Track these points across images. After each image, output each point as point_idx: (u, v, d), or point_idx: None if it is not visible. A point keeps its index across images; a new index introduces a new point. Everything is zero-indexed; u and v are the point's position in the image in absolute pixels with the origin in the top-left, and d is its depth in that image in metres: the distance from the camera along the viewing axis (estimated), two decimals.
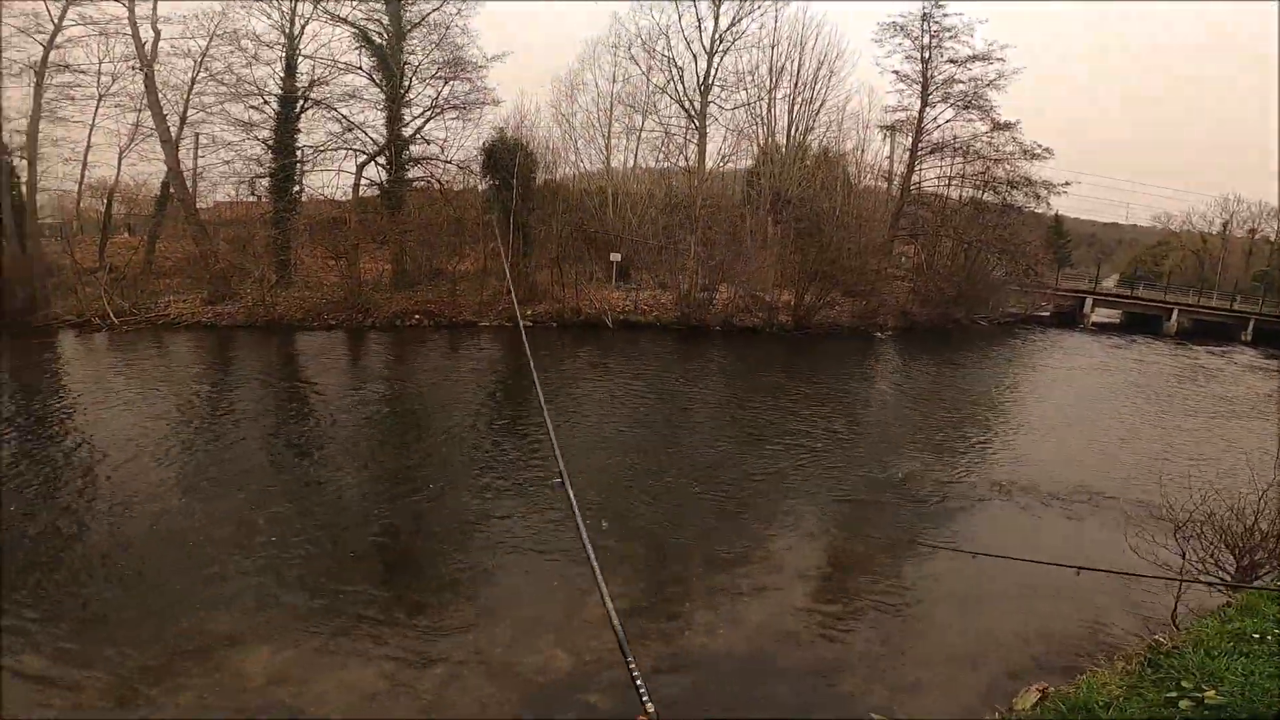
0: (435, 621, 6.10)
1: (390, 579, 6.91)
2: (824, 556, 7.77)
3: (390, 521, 8.08)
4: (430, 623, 6.08)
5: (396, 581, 6.86)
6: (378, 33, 22.28)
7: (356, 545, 7.45)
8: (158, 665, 5.32)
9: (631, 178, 28.78)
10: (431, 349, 18.70)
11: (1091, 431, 14.06)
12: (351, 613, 6.16)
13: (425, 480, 9.33)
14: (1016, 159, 31.74)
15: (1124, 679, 4.00)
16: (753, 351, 20.92)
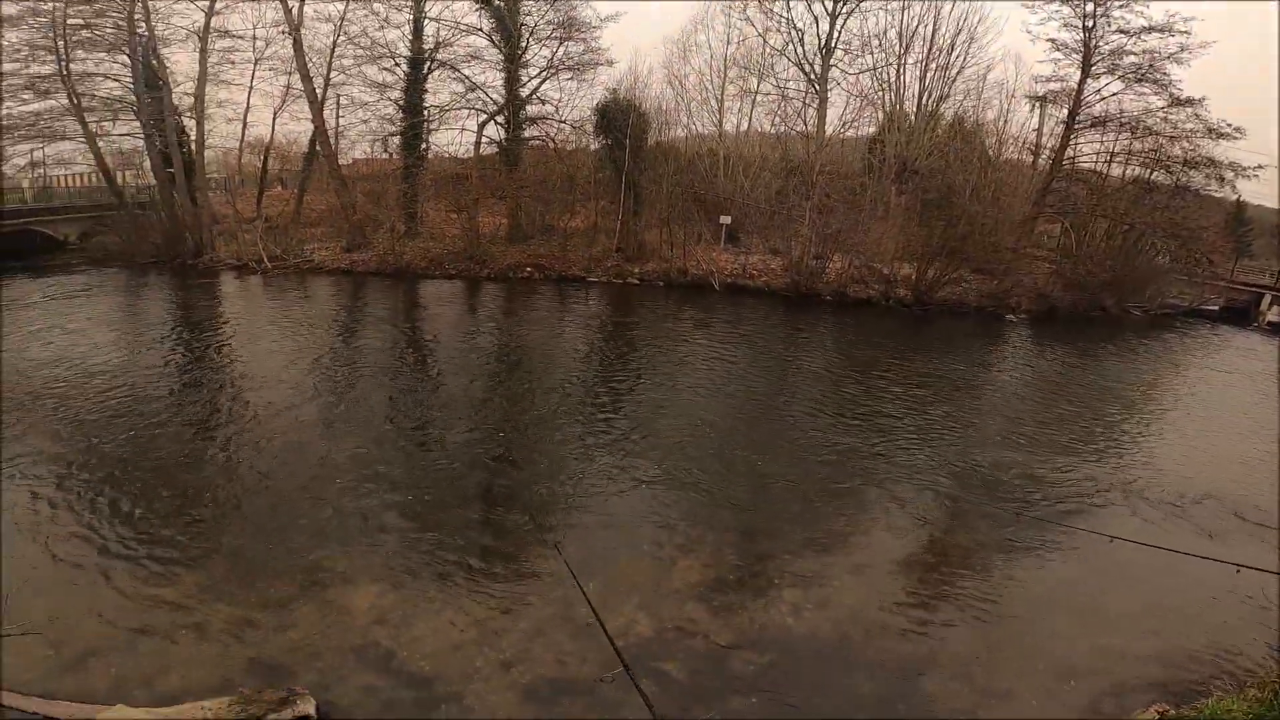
0: (528, 574, 6.24)
1: (491, 528, 7.11)
2: (925, 547, 7.28)
3: (493, 471, 8.34)
4: (523, 574, 6.23)
5: (496, 531, 7.06)
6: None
7: (461, 492, 7.74)
8: (277, 599, 5.72)
9: (745, 141, 27.98)
10: (541, 301, 19.22)
11: (1245, 445, 11.96)
12: (453, 559, 6.41)
13: (528, 431, 9.57)
14: (1198, 137, 27.81)
15: (1252, 706, 3.72)
16: (865, 325, 19.79)
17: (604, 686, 4.86)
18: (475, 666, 5.06)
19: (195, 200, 21.94)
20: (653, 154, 23.67)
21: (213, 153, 24.37)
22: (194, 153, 22.23)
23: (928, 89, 27.64)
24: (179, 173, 21.74)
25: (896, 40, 27.29)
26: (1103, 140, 29.65)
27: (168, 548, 6.38)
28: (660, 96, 26.46)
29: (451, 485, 7.84)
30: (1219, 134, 27.77)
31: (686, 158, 25.15)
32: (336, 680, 4.89)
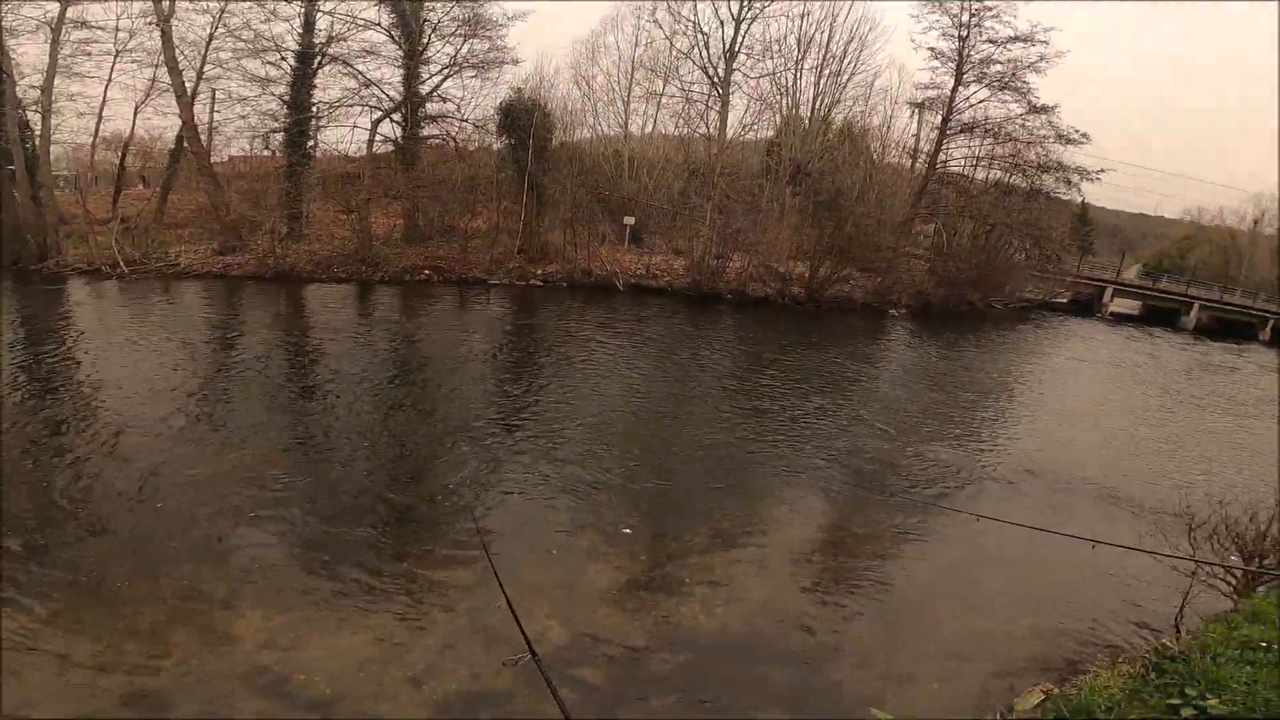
0: (432, 586, 6.02)
1: (389, 542, 6.79)
2: (827, 536, 7.66)
3: (390, 482, 8.00)
4: (427, 587, 6.00)
5: (394, 544, 6.76)
6: None
7: (354, 507, 7.32)
8: (147, 628, 5.23)
9: (650, 143, 28.38)
10: (440, 304, 18.62)
11: (1101, 422, 13.79)
12: (351, 577, 6.07)
13: (429, 439, 9.23)
14: (1050, 143, 30.89)
15: (1127, 682, 3.97)
16: (763, 322, 20.68)
17: (520, 697, 4.80)
18: (381, 685, 4.84)
19: (38, 199, 19.47)
20: (557, 154, 23.50)
21: (61, 149, 21.72)
22: (38, 148, 19.71)
23: (821, 94, 29.17)
24: (20, 169, 19.23)
25: (795, 46, 28.58)
26: (970, 145, 32.36)
27: (19, 575, 5.69)
28: (566, 97, 26.38)
29: (343, 500, 7.41)
30: (1068, 139, 30.94)
31: (591, 158, 25.18)
32: (224, 708, 4.56)
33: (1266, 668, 3.87)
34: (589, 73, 27.62)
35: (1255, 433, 14.57)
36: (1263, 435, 14.27)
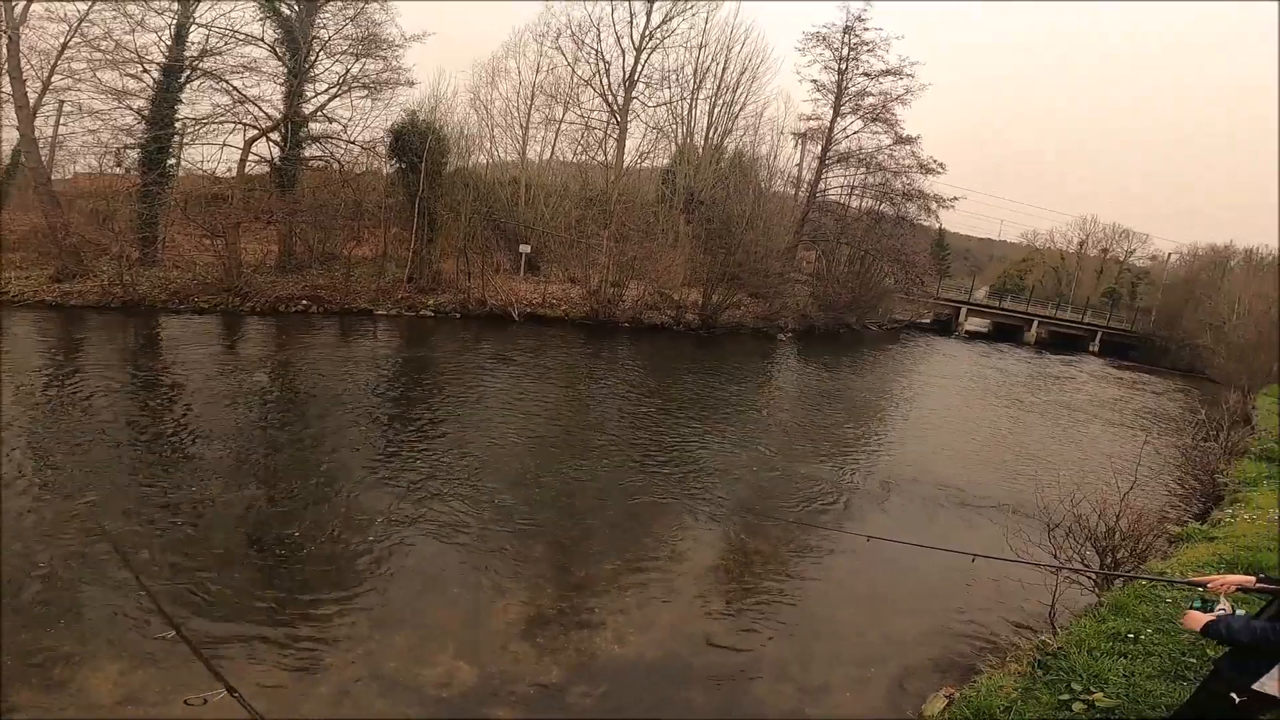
0: (322, 633, 5.68)
1: (272, 590, 6.31)
2: (732, 555, 7.89)
3: (271, 527, 7.42)
4: (316, 634, 5.65)
5: (280, 592, 6.28)
6: (288, 4, 20.53)
7: (225, 550, 6.77)
8: None
9: (547, 169, 28.31)
10: (320, 337, 17.57)
11: (964, 433, 15.38)
12: (218, 625, 5.61)
13: (307, 480, 8.65)
14: (913, 172, 33.82)
15: (1019, 681, 4.16)
16: (660, 349, 21.23)
17: None
18: None
19: None
20: (451, 180, 22.83)
21: None
22: None
23: (715, 124, 30.10)
24: None
25: (692, 76, 29.45)
26: (846, 174, 34.85)
27: None
28: (464, 121, 25.57)
29: (215, 548, 6.79)
30: (928, 169, 34.06)
31: (488, 185, 24.71)
32: None
33: (1139, 659, 4.22)
34: (488, 97, 27.19)
35: (1091, 434, 16.76)
36: (1098, 436, 16.46)
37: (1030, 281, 58.12)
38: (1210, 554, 6.24)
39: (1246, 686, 2.21)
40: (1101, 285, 57.58)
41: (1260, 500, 8.29)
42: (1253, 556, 5.88)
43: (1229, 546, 6.34)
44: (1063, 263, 61.03)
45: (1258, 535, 6.61)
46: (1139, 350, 41.38)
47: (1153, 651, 4.28)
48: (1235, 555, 5.99)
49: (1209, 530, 7.39)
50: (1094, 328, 44.55)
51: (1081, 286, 57.33)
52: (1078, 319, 46.49)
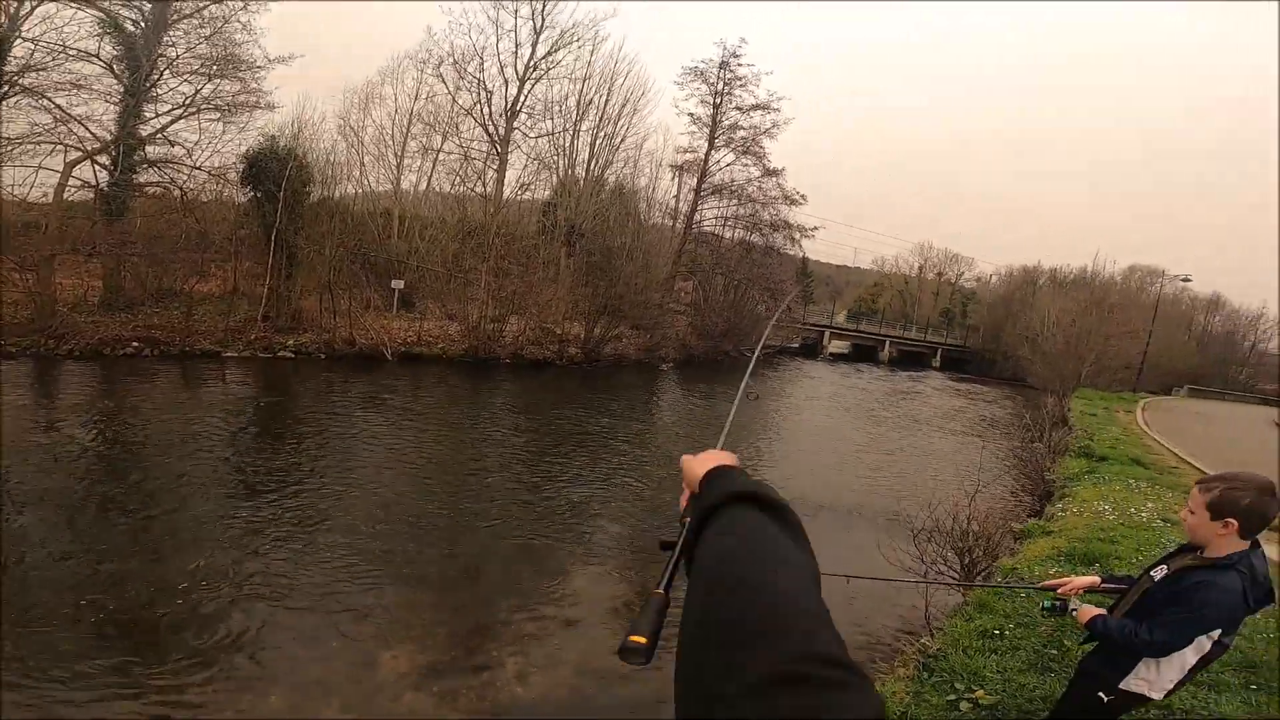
0: (186, 700, 5.01)
1: (108, 658, 5.46)
2: (626, 587, 7.79)
3: (99, 588, 6.39)
4: (179, 702, 4.98)
5: (118, 660, 5.45)
6: (133, 20, 18.36)
7: (67, 616, 5.82)
8: None
9: (423, 201, 27.29)
10: (157, 383, 15.51)
11: (831, 451, 16.39)
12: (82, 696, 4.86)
13: (150, 538, 7.55)
14: (780, 203, 36.04)
15: (909, 685, 4.28)
16: (543, 384, 20.91)
17: None
18: None
19: None
20: (315, 210, 21.29)
21: None
22: None
23: (596, 156, 30.54)
24: None
25: (575, 108, 29.76)
26: (719, 206, 36.71)
27: None
28: (331, 149, 23.99)
29: (46, 608, 5.85)
30: (792, 200, 36.62)
31: (357, 216, 23.30)
32: None
33: (1008, 654, 4.48)
34: (359, 123, 25.82)
35: (939, 444, 18.37)
36: (945, 446, 18.05)
37: (882, 304, 64.16)
38: (1049, 547, 7.01)
39: (1114, 685, 2.41)
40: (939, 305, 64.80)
41: (1084, 494, 9.48)
42: (1086, 547, 6.67)
43: (1064, 540, 7.15)
44: (907, 286, 68.07)
45: (1087, 528, 7.54)
46: (973, 364, 46.78)
47: (1019, 646, 4.62)
48: (1070, 547, 6.76)
49: (1046, 525, 8.32)
50: (935, 345, 49.84)
51: (923, 307, 64.14)
52: (922, 338, 51.86)
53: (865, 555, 7.93)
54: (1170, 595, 2.32)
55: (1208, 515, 2.25)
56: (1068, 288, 45.86)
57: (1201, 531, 2.29)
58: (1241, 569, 2.20)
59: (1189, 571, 2.31)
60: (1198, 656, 2.31)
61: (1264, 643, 4.69)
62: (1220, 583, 2.19)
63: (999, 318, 48.70)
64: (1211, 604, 2.19)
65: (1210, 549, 2.29)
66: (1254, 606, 2.26)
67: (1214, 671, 4.16)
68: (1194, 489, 2.37)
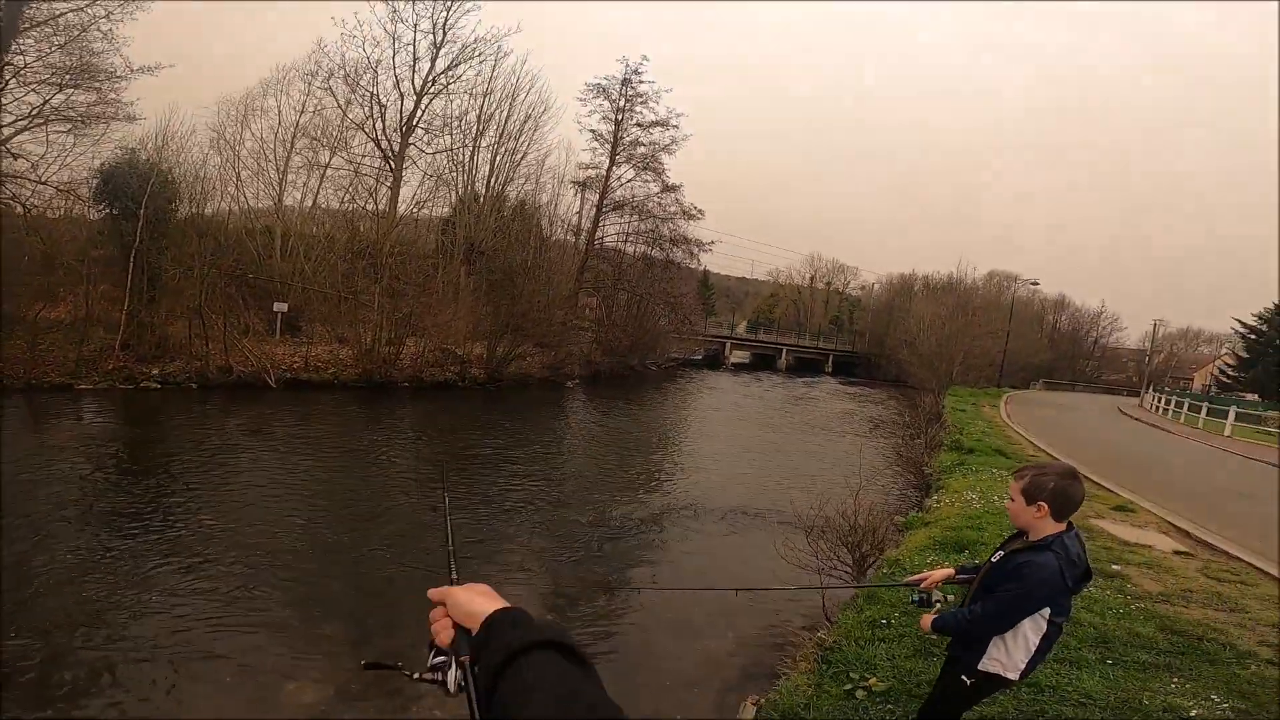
0: None
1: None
2: (543, 603, 7.71)
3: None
4: None
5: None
6: None
7: None
8: None
9: (309, 218, 25.72)
10: None
11: (731, 459, 16.86)
12: None
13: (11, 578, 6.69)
14: (678, 219, 36.93)
15: (810, 677, 4.42)
16: (445, 408, 20.24)
17: None
18: None
19: None
20: (182, 229, 19.52)
21: None
22: None
23: (496, 171, 29.91)
24: None
25: (475, 123, 29.05)
26: (621, 221, 37.01)
27: None
28: (202, 163, 21.98)
29: None
30: (690, 215, 37.44)
31: (233, 235, 21.56)
32: None
33: (895, 642, 4.66)
34: (236, 136, 23.95)
35: (829, 446, 19.37)
36: (834, 447, 18.99)
37: (778, 314, 67.26)
38: (927, 537, 7.62)
39: (973, 667, 2.64)
40: (829, 314, 68.90)
41: (956, 485, 10.38)
42: (957, 535, 7.32)
43: (940, 529, 7.81)
44: (800, 296, 71.85)
45: (958, 516, 8.28)
46: (861, 367, 50.07)
47: (904, 634, 4.95)
48: (944, 536, 7.40)
49: (924, 516, 9.04)
50: (826, 351, 52.87)
51: (814, 315, 67.92)
52: (814, 345, 54.85)
53: (767, 557, 8.24)
54: (1000, 576, 2.60)
55: (1023, 501, 2.56)
56: (938, 293, 50.23)
57: (1022, 517, 2.60)
58: (1056, 549, 2.48)
59: (1015, 554, 2.60)
60: (1039, 635, 2.56)
61: (1115, 618, 5.23)
62: (1038, 561, 2.47)
63: (882, 323, 52.54)
64: (1034, 582, 2.46)
65: (1032, 533, 2.60)
66: (1073, 586, 2.53)
67: (1072, 648, 4.66)
68: (1011, 479, 2.69)
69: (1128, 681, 4.27)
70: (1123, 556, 7.01)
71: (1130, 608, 5.50)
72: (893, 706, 4.06)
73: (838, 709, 4.07)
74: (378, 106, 27.28)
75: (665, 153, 35.59)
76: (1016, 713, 3.90)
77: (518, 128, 30.09)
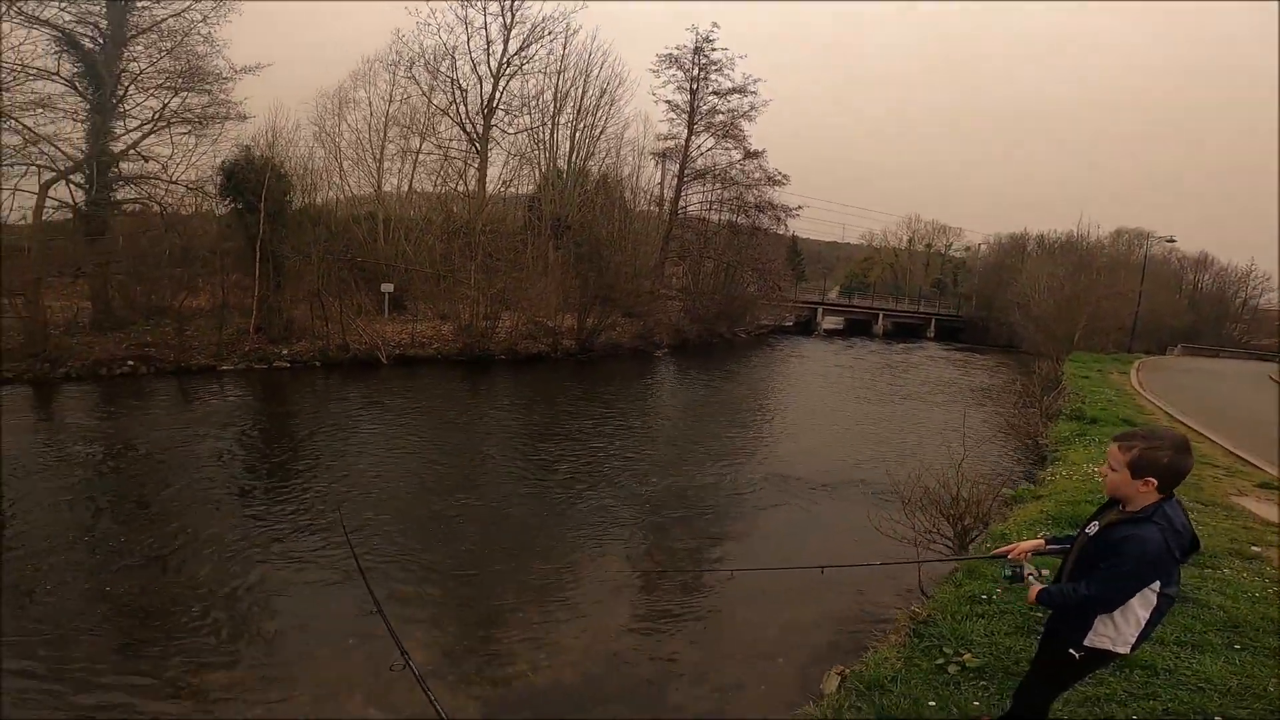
0: (213, 701, 5.18)
1: (134, 663, 5.64)
2: (629, 572, 7.88)
3: (128, 597, 6.59)
4: (207, 703, 5.15)
5: (151, 663, 5.63)
6: (89, 37, 18.10)
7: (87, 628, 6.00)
8: None
9: (406, 202, 27.20)
10: (156, 400, 15.56)
11: (832, 423, 16.56)
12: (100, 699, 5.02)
13: (164, 547, 7.73)
14: (763, 185, 36.06)
15: (900, 651, 4.40)
16: (540, 378, 21.00)
17: None
18: None
19: None
20: (297, 218, 21.24)
21: None
22: None
23: (577, 148, 30.49)
24: None
25: (551, 101, 29.64)
26: (703, 190, 36.60)
27: None
28: (308, 156, 23.85)
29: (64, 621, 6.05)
30: (775, 181, 36.47)
31: (341, 222, 23.24)
32: None
33: (994, 618, 4.56)
34: (335, 129, 25.65)
35: (932, 414, 18.36)
36: (938, 415, 17.90)
37: (873, 278, 64.18)
38: (1038, 512, 7.16)
39: (1080, 643, 2.50)
40: (930, 276, 64.90)
41: (1074, 457, 9.63)
42: (1073, 510, 6.81)
43: (1053, 503, 7.30)
44: (896, 259, 68.09)
45: (1076, 490, 7.69)
46: (967, 332, 46.94)
47: (1005, 610, 4.75)
48: (1059, 510, 6.91)
49: (1036, 490, 8.48)
50: (928, 316, 49.95)
51: (914, 279, 64.20)
52: (914, 309, 51.96)
53: (856, 529, 8.07)
54: (1101, 550, 2.41)
55: (1128, 473, 2.34)
56: (1055, 253, 45.96)
57: (1124, 489, 2.39)
58: (1158, 520, 2.28)
59: (1114, 526, 2.40)
60: (1148, 609, 2.39)
61: (1248, 602, 4.79)
62: (1141, 535, 2.28)
63: (990, 286, 48.83)
64: (1138, 556, 2.27)
65: (1130, 504, 2.39)
66: (1181, 556, 2.34)
67: (1198, 632, 4.34)
68: (1112, 446, 2.45)
69: (1255, 668, 3.94)
70: (1264, 538, 6.34)
71: (1267, 592, 5.03)
72: (986, 683, 3.93)
73: (927, 683, 3.98)
74: (458, 91, 28.14)
75: (745, 119, 34.67)
76: (1126, 694, 3.68)
77: (594, 103, 30.35)
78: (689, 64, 33.89)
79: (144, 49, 19.15)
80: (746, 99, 34.35)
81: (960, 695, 3.83)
